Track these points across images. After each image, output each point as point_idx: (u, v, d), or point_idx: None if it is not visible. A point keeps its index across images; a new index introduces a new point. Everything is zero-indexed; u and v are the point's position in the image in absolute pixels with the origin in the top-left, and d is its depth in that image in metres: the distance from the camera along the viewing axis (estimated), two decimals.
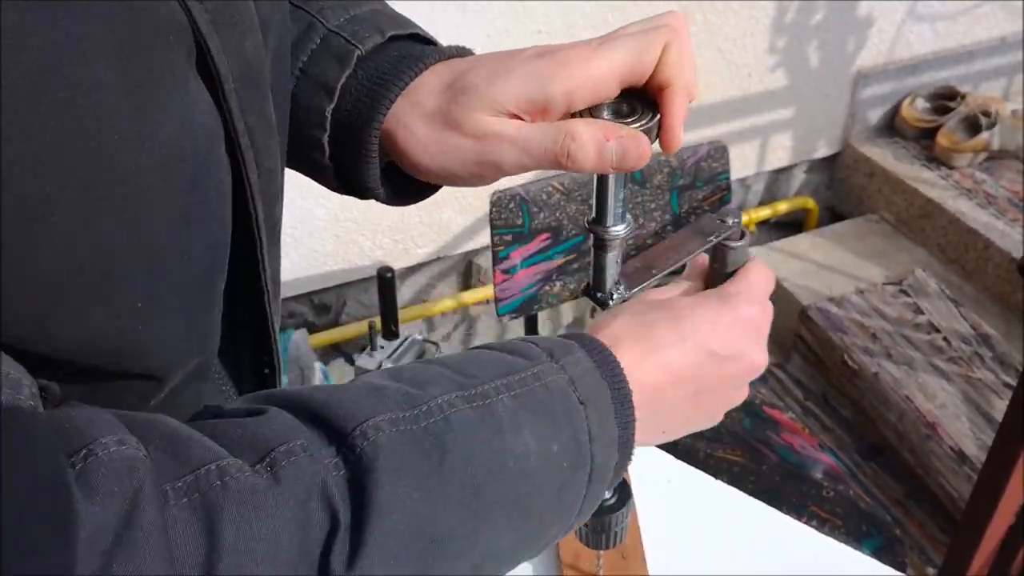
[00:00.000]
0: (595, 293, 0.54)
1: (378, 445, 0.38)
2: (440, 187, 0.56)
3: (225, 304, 0.43)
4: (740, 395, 0.54)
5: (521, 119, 0.47)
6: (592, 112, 0.47)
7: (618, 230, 0.51)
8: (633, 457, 0.48)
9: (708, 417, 0.53)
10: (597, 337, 0.49)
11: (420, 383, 0.42)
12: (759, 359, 0.53)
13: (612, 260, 0.52)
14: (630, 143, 0.45)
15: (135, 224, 0.34)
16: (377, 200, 0.55)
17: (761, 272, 0.55)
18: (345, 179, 0.53)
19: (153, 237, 0.35)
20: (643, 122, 0.46)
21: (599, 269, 0.53)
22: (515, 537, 0.43)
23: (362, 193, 0.54)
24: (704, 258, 0.57)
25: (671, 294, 0.55)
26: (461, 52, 0.52)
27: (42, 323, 0.33)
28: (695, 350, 0.50)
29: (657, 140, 0.47)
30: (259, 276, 0.45)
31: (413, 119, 0.49)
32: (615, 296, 0.53)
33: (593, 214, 0.51)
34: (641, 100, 0.47)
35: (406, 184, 0.54)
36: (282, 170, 0.50)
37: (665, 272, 0.55)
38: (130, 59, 0.32)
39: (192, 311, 0.40)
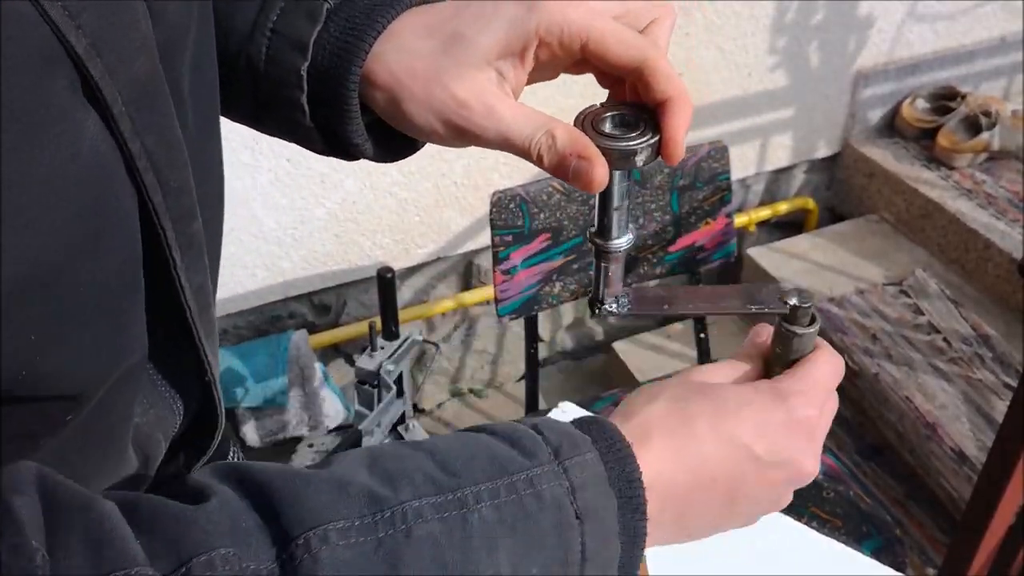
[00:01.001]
0: (592, 303, 0.53)
1: (319, 560, 0.36)
2: (423, 145, 0.55)
3: (156, 320, 0.43)
4: (783, 502, 0.50)
5: (503, 72, 0.47)
6: (595, 121, 0.47)
7: (618, 243, 0.50)
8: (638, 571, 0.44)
9: (742, 522, 0.50)
10: (626, 426, 0.46)
11: (393, 478, 0.39)
12: (809, 467, 0.49)
13: (613, 272, 0.51)
14: (584, 165, 0.44)
15: (23, 260, 0.33)
16: (364, 157, 0.54)
17: (828, 366, 0.50)
18: (330, 139, 0.53)
19: (45, 268, 0.35)
20: (644, 139, 0.45)
21: (597, 280, 0.52)
22: None
23: (348, 151, 0.53)
24: (765, 338, 0.52)
25: (721, 377, 0.51)
26: None
27: None
28: (736, 452, 0.46)
29: (658, 156, 0.47)
30: (179, 295, 0.44)
31: (400, 63, 0.48)
32: (614, 307, 0.53)
33: (595, 226, 0.50)
34: (649, 117, 0.47)
35: (391, 141, 0.54)
36: (216, 187, 0.49)
37: (679, 313, 0.53)
38: None
39: (102, 331, 0.39)
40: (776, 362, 0.51)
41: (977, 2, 2.26)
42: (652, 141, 0.45)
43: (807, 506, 1.34)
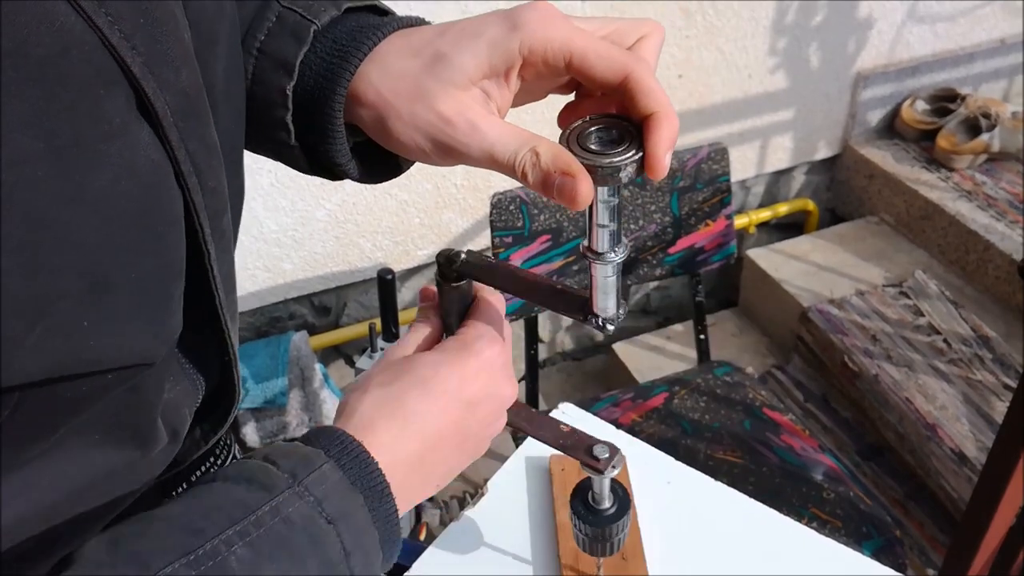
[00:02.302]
0: (590, 317, 0.53)
1: None
2: (411, 165, 0.56)
3: (185, 304, 0.45)
4: (499, 426, 0.58)
5: (488, 91, 0.48)
6: (580, 136, 0.46)
7: (610, 257, 0.49)
8: (399, 544, 0.49)
9: (472, 456, 0.56)
10: (349, 425, 0.50)
11: (141, 557, 0.41)
12: (508, 392, 0.57)
13: (605, 284, 0.51)
14: (568, 182, 0.44)
15: (79, 267, 0.36)
16: (348, 177, 0.55)
17: (492, 307, 0.58)
18: (314, 159, 0.54)
19: (98, 272, 0.37)
20: (628, 155, 0.45)
21: (592, 291, 0.52)
22: None
23: (332, 171, 0.54)
24: (432, 294, 0.61)
25: (411, 347, 0.58)
26: (419, 21, 0.52)
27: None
28: (450, 407, 0.53)
29: (643, 171, 0.46)
30: (210, 283, 0.46)
31: (385, 83, 0.49)
32: (617, 319, 0.53)
33: (587, 239, 0.50)
34: (635, 131, 0.46)
35: (377, 163, 0.55)
36: (241, 180, 0.51)
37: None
38: (55, 123, 0.33)
39: (147, 322, 0.41)
40: (449, 314, 0.59)
41: (977, 3, 2.26)
42: (636, 157, 0.45)
43: (807, 506, 1.34)
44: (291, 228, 1.82)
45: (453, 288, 0.58)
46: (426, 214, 1.92)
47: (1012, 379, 1.85)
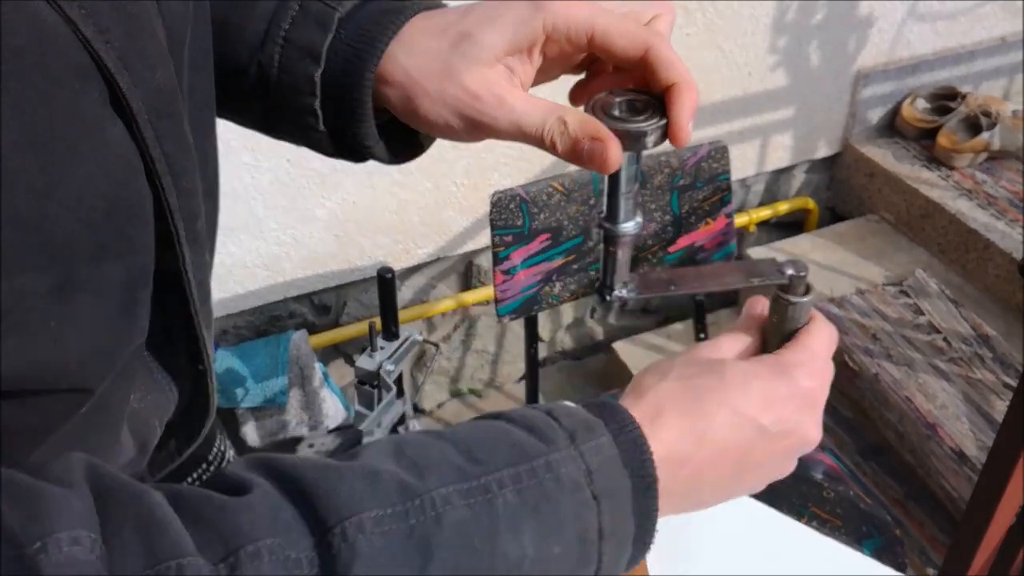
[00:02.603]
0: (601, 289, 0.54)
1: (356, 549, 0.37)
2: (432, 143, 0.57)
3: (157, 311, 0.44)
4: (788, 468, 0.52)
5: (512, 67, 0.49)
6: (605, 105, 0.48)
7: (627, 227, 0.51)
8: (648, 548, 0.46)
9: (750, 489, 0.52)
10: (637, 405, 0.47)
11: (420, 467, 0.40)
12: (813, 434, 0.51)
13: (621, 257, 0.52)
14: (598, 147, 0.45)
15: (47, 266, 0.35)
16: (375, 158, 0.55)
17: (825, 337, 0.52)
18: (340, 142, 0.54)
19: (64, 271, 0.36)
20: (652, 121, 0.47)
21: (607, 265, 0.53)
22: None
23: (360, 153, 0.55)
24: (761, 310, 0.54)
25: (725, 352, 0.53)
26: (439, 4, 0.53)
27: None
28: (744, 425, 0.48)
29: (666, 139, 0.48)
30: (185, 289, 0.46)
31: (412, 62, 0.50)
32: (623, 292, 0.53)
33: (604, 210, 0.51)
34: (656, 103, 0.48)
35: (399, 143, 0.56)
36: (211, 185, 0.51)
37: (684, 292, 0.53)
38: (34, 116, 0.33)
39: (112, 326, 0.40)
40: (773, 333, 0.53)
41: (977, 2, 2.26)
42: (661, 123, 0.47)
43: (807, 506, 1.34)
44: (291, 227, 1.82)
45: (794, 305, 0.52)
46: (426, 212, 1.92)
47: (1012, 378, 1.85)
